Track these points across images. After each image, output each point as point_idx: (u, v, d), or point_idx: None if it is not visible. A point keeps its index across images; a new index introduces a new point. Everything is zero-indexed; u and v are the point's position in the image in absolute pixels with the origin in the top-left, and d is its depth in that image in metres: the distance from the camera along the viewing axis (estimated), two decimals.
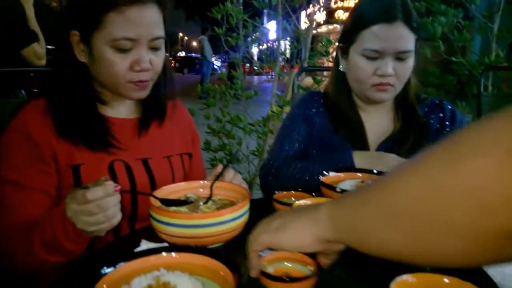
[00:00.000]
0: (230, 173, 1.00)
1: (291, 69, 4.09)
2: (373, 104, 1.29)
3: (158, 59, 1.02)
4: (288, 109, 2.60)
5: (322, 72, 5.29)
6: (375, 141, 1.28)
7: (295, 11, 3.09)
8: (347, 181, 1.04)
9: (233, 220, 0.78)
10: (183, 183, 0.97)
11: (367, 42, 1.18)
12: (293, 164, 1.23)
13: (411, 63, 1.20)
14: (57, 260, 0.87)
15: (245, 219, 0.81)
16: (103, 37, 0.94)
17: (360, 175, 1.08)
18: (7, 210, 0.93)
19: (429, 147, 0.44)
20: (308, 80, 3.27)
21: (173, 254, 0.65)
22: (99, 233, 0.83)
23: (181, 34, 72.04)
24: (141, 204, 1.04)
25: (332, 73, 1.38)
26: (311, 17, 3.18)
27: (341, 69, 1.31)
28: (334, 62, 1.37)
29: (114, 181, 0.81)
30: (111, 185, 0.79)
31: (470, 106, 2.55)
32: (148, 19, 0.96)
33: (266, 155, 2.96)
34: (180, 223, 0.76)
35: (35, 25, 2.19)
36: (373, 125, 1.30)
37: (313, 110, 1.34)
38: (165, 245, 0.74)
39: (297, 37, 3.16)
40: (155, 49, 1.01)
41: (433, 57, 2.55)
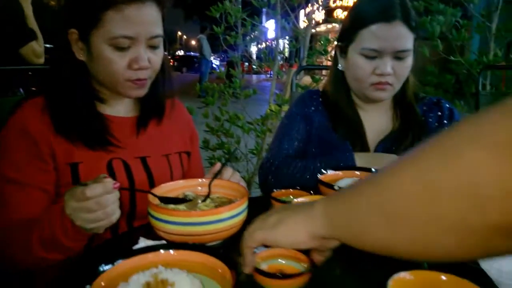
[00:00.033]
0: (228, 171, 1.00)
1: (289, 68, 4.10)
2: (372, 103, 1.30)
3: (156, 58, 1.02)
4: (286, 108, 2.60)
5: (320, 71, 5.29)
6: (374, 140, 1.29)
7: (294, 10, 3.09)
8: (345, 179, 1.04)
9: (231, 218, 0.78)
10: (181, 181, 0.97)
11: (366, 41, 1.18)
12: (293, 163, 1.23)
13: (409, 62, 1.20)
14: (56, 257, 0.87)
15: (243, 217, 0.81)
16: (102, 35, 0.94)
17: (358, 173, 1.08)
18: (5, 208, 0.93)
19: (423, 143, 0.44)
20: (306, 79, 3.27)
21: (171, 251, 0.65)
22: (98, 230, 0.83)
23: (180, 33, 71.97)
24: (139, 202, 1.04)
25: (330, 72, 1.38)
26: (309, 16, 3.18)
27: (340, 68, 1.31)
28: (332, 61, 1.38)
29: (112, 179, 0.81)
30: (110, 182, 0.79)
31: (468, 105, 2.55)
32: (146, 18, 0.96)
33: (264, 154, 2.97)
34: (178, 221, 0.76)
35: (33, 23, 2.19)
36: (372, 123, 1.30)
37: (312, 108, 1.35)
38: (163, 243, 0.74)
39: (295, 36, 3.16)
40: (153, 47, 1.01)
41: (432, 56, 2.55)
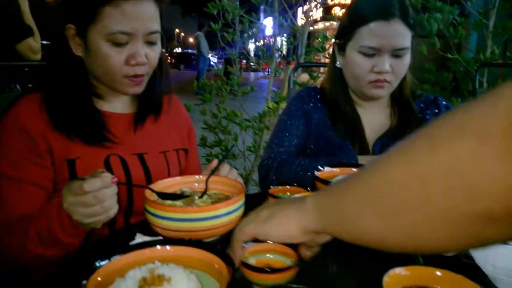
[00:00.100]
0: (225, 168, 1.01)
1: (287, 65, 4.10)
2: (370, 100, 1.30)
3: (154, 54, 1.02)
4: (284, 105, 2.60)
5: (318, 68, 5.29)
6: (372, 137, 1.29)
7: (292, 7, 3.09)
8: (342, 176, 1.05)
9: (228, 214, 0.78)
10: (178, 178, 0.97)
11: (364, 39, 1.18)
12: (296, 161, 1.24)
13: (407, 59, 1.21)
14: (53, 253, 0.87)
15: (240, 213, 0.81)
16: (99, 30, 0.94)
17: (355, 170, 1.08)
18: (2, 204, 0.92)
19: (413, 134, 0.44)
20: (304, 76, 3.27)
21: (168, 247, 0.65)
22: (95, 225, 0.83)
23: (177, 30, 71.79)
24: (136, 198, 1.04)
25: (328, 69, 1.38)
26: (307, 13, 3.18)
27: (338, 65, 1.31)
28: (331, 58, 1.38)
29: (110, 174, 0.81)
30: (108, 177, 0.79)
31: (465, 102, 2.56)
32: (144, 13, 0.96)
33: (262, 151, 2.97)
34: (175, 217, 0.76)
35: (30, 19, 2.18)
36: (370, 120, 1.31)
37: (311, 105, 1.35)
38: (160, 239, 0.74)
39: (293, 33, 3.16)
40: (151, 43, 1.01)
41: (429, 54, 2.56)
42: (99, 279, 0.57)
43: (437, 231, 0.42)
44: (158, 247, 0.65)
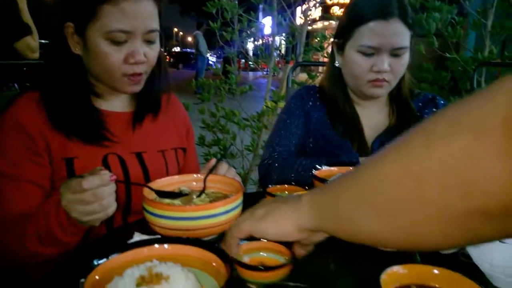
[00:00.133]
0: (223, 167, 1.01)
1: (286, 64, 4.10)
2: (368, 99, 1.30)
3: (152, 52, 1.02)
4: (282, 104, 2.60)
5: (317, 67, 5.29)
6: (371, 135, 1.30)
7: (290, 6, 3.09)
8: (339, 175, 1.05)
9: (226, 212, 0.78)
10: (176, 177, 0.97)
11: (363, 38, 1.19)
12: (298, 161, 1.24)
13: (406, 59, 1.21)
14: (51, 252, 0.86)
15: (238, 212, 0.81)
16: (98, 29, 0.94)
17: (352, 169, 1.09)
18: (0, 202, 0.92)
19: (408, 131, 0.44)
20: (302, 75, 3.27)
21: (166, 245, 0.65)
22: (94, 223, 0.83)
23: (176, 29, 71.69)
24: (135, 197, 1.04)
25: (327, 68, 1.39)
26: (306, 12, 3.18)
27: (337, 64, 1.31)
28: (329, 57, 1.38)
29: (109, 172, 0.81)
30: (106, 175, 0.79)
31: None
32: (143, 12, 0.96)
33: (261, 150, 2.97)
34: (173, 215, 0.76)
35: (28, 17, 2.17)
36: (368, 119, 1.32)
37: (310, 103, 1.35)
38: (158, 237, 0.74)
39: (292, 32, 3.16)
40: (149, 42, 1.00)
41: (427, 53, 2.56)
42: (97, 277, 0.57)
43: (434, 229, 0.41)
44: (156, 245, 0.65)
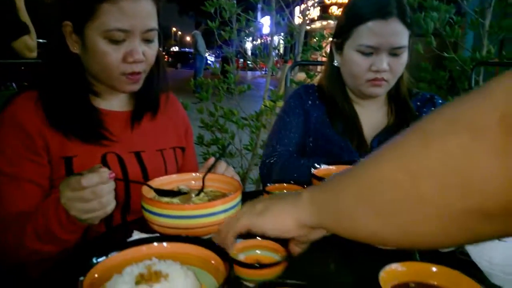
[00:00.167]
0: (222, 166, 1.01)
1: (284, 64, 4.10)
2: (367, 98, 1.31)
3: (151, 51, 1.02)
4: (281, 104, 2.60)
5: (315, 67, 5.29)
6: (370, 134, 1.30)
7: (289, 6, 3.09)
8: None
9: (224, 211, 0.78)
10: (174, 175, 0.97)
11: (362, 38, 1.19)
12: (301, 161, 1.24)
13: (405, 58, 1.22)
14: (50, 250, 0.86)
15: (237, 210, 0.81)
16: (96, 27, 0.94)
17: (351, 167, 1.09)
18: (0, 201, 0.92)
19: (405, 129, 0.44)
20: (301, 75, 3.27)
21: (165, 244, 0.65)
22: (93, 221, 0.83)
23: (174, 28, 71.62)
24: (133, 196, 1.04)
25: (326, 68, 1.39)
26: (304, 12, 3.18)
27: (336, 64, 1.32)
28: (328, 57, 1.38)
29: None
30: (106, 172, 0.79)
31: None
32: (142, 11, 0.96)
33: (260, 150, 2.97)
34: (172, 214, 0.76)
35: (25, 17, 2.17)
36: (367, 118, 1.32)
37: (309, 102, 1.35)
38: (157, 236, 0.74)
39: (290, 31, 3.16)
40: (148, 41, 1.00)
41: (425, 53, 2.56)
42: (96, 275, 0.56)
43: (433, 228, 0.41)
44: (155, 243, 0.65)
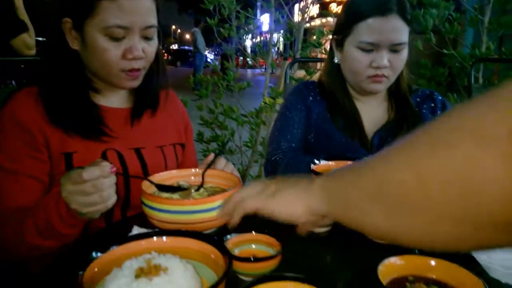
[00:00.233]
0: (221, 162, 1.01)
1: (284, 61, 4.09)
2: (368, 95, 1.31)
3: (150, 48, 1.02)
4: (280, 101, 2.60)
5: (315, 64, 5.28)
6: (370, 130, 1.30)
7: (288, 3, 3.09)
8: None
9: None
10: (174, 171, 0.97)
11: (362, 34, 1.19)
12: (306, 157, 1.24)
13: (405, 54, 1.22)
14: (50, 245, 0.86)
15: None
16: (96, 24, 0.94)
17: (350, 163, 1.09)
18: (0, 196, 0.92)
19: (416, 130, 0.43)
20: (300, 72, 3.27)
21: (164, 238, 0.66)
22: (93, 215, 0.83)
23: (174, 26, 71.52)
24: (134, 192, 1.04)
25: (326, 64, 1.39)
26: (303, 10, 3.18)
27: (336, 61, 1.32)
28: (328, 54, 1.38)
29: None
30: (107, 166, 0.79)
31: (461, 98, 2.57)
32: (141, 7, 0.96)
33: (260, 147, 2.97)
34: (171, 209, 0.76)
35: (24, 15, 2.17)
36: (368, 114, 1.32)
37: (310, 98, 1.36)
38: (157, 230, 0.75)
39: (290, 29, 3.15)
40: (147, 38, 1.00)
41: (425, 50, 2.56)
42: (96, 269, 0.57)
43: (444, 231, 0.41)
44: (154, 238, 0.66)
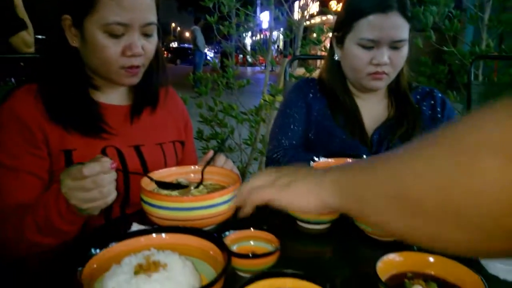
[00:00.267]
0: (221, 159, 1.01)
1: (283, 58, 4.09)
2: (368, 92, 1.31)
3: (150, 45, 1.02)
4: (280, 98, 2.60)
5: (314, 61, 5.27)
6: (370, 127, 1.31)
7: (287, 0, 3.08)
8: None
9: (223, 203, 0.79)
10: (173, 168, 0.97)
11: (363, 31, 1.19)
12: (308, 155, 1.24)
13: (405, 51, 1.22)
14: (49, 242, 0.86)
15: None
16: (96, 21, 0.93)
17: (349, 160, 1.09)
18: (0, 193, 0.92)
19: (436, 131, 0.42)
20: (300, 70, 3.27)
21: (163, 235, 0.66)
22: (93, 212, 0.83)
23: (173, 24, 71.41)
24: (133, 189, 1.04)
25: (326, 61, 1.39)
26: (303, 8, 3.17)
27: (336, 58, 1.32)
28: (328, 51, 1.38)
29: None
30: (107, 162, 0.79)
31: (461, 95, 2.57)
32: (141, 4, 0.96)
33: (260, 144, 2.97)
34: (171, 206, 0.76)
35: (23, 12, 2.17)
36: (368, 111, 1.32)
37: (311, 95, 1.36)
38: (156, 227, 0.75)
39: (289, 26, 3.15)
40: (147, 35, 1.00)
41: (425, 47, 2.56)
42: (95, 266, 0.57)
43: (460, 238, 0.40)
44: (153, 234, 0.66)
